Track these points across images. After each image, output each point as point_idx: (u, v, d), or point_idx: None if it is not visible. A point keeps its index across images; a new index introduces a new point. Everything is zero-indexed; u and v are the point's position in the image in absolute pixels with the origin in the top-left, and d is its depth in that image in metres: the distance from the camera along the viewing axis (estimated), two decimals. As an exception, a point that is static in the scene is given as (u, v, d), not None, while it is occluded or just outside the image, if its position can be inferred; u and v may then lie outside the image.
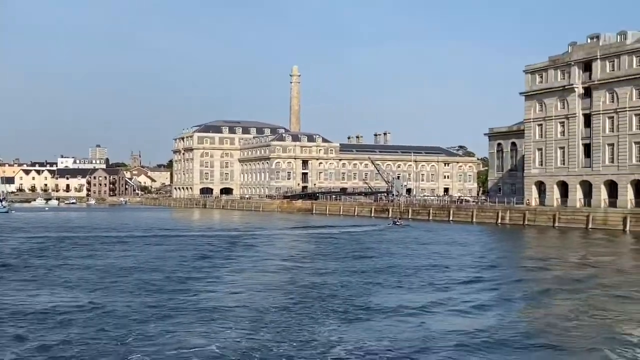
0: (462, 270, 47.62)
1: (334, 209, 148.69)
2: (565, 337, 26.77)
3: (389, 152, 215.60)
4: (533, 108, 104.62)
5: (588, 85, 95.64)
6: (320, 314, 30.79)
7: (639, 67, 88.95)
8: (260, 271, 46.46)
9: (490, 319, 30.32)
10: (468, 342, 25.92)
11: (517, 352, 24.75)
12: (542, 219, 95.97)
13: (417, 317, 30.30)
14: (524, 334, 27.24)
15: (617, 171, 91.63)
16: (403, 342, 25.65)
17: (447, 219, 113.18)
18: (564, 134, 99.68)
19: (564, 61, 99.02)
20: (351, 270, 46.75)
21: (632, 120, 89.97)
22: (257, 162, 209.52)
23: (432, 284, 40.87)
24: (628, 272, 47.13)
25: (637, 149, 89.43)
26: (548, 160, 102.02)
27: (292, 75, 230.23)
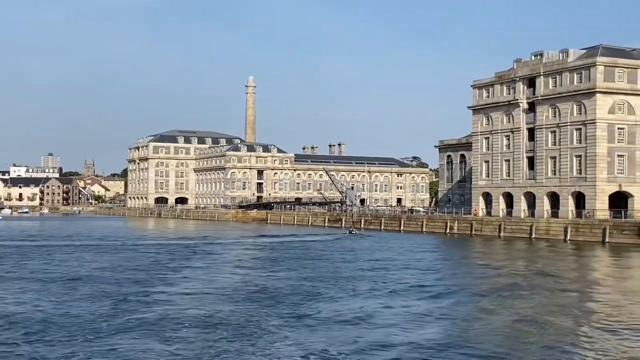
0: (405, 277, 50.18)
1: (288, 219, 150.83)
2: (502, 342, 29.27)
3: (343, 162, 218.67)
4: (480, 122, 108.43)
5: (532, 101, 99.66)
6: (267, 318, 32.76)
7: (579, 84, 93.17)
8: (212, 279, 48.18)
9: (430, 323, 32.76)
10: (405, 345, 28.27)
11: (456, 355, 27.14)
12: (488, 229, 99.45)
13: (359, 321, 32.60)
14: (462, 339, 29.61)
15: (559, 183, 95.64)
16: (343, 345, 27.64)
17: (398, 228, 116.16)
18: (510, 147, 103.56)
19: (509, 77, 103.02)
20: (302, 277, 48.99)
21: (572, 134, 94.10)
22: (213, 172, 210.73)
23: (377, 289, 43.30)
24: (563, 277, 50.16)
25: (577, 162, 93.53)
26: (494, 172, 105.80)
27: (248, 86, 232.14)
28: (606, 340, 28.68)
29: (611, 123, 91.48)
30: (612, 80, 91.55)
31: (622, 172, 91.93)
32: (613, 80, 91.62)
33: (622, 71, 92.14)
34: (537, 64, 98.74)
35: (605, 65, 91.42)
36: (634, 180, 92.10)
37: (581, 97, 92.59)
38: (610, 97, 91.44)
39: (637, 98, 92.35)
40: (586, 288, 45.03)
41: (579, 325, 31.76)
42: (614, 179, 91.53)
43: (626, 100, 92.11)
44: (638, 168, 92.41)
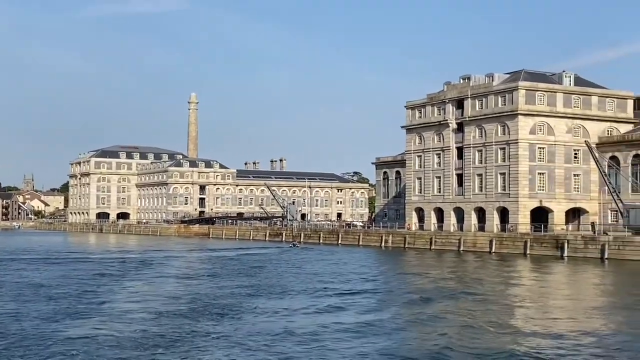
0: (342, 285, 54.75)
1: (230, 234, 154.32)
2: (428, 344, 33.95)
3: (284, 178, 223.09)
4: (413, 140, 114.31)
5: (461, 121, 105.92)
6: (202, 326, 36.32)
7: (503, 106, 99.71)
8: (149, 292, 50.49)
9: (366, 331, 37.25)
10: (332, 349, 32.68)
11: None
12: (421, 242, 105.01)
13: (290, 324, 36.95)
14: (394, 340, 34.19)
15: (485, 199, 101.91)
16: (270, 348, 30.86)
17: (336, 242, 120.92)
18: (440, 164, 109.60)
19: (439, 99, 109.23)
20: (245, 286, 53.12)
21: (497, 153, 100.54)
22: (155, 187, 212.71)
23: (317, 295, 47.77)
24: (485, 286, 55.35)
25: (502, 179, 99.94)
26: (426, 189, 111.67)
27: (190, 102, 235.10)
28: (523, 337, 33.57)
29: (532, 143, 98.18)
30: (533, 103, 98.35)
31: (543, 189, 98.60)
32: (534, 103, 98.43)
33: (542, 94, 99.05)
34: (465, 87, 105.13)
35: (527, 89, 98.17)
36: (553, 196, 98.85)
37: (505, 119, 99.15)
38: (531, 118, 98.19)
39: (556, 120, 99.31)
40: (505, 295, 50.20)
41: (500, 327, 36.33)
42: (535, 195, 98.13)
43: (546, 121, 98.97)
44: (557, 185, 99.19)
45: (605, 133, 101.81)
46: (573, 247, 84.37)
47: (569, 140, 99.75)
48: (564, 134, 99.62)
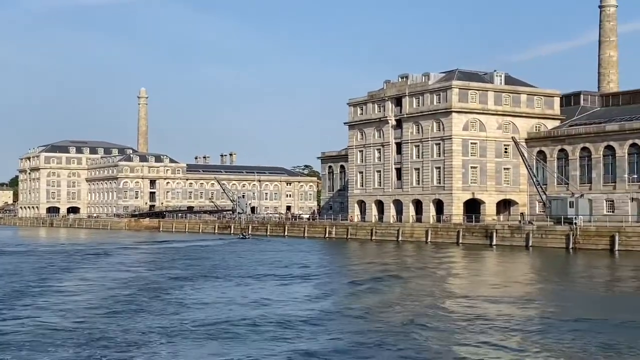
0: (277, 272, 59.64)
1: (180, 227, 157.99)
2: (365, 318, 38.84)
3: (234, 172, 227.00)
4: (355, 136, 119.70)
5: (399, 118, 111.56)
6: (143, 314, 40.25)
7: (438, 104, 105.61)
8: (100, 279, 54.86)
9: (310, 304, 42.13)
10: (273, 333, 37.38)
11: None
12: (362, 233, 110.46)
13: (252, 303, 41.60)
14: (335, 315, 38.97)
15: (422, 192, 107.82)
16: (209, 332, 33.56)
17: (283, 234, 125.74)
18: (380, 159, 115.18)
19: (379, 96, 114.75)
20: (184, 274, 57.64)
21: (433, 148, 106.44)
22: (105, 181, 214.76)
23: (251, 282, 52.54)
24: (420, 270, 60.75)
25: (437, 173, 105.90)
26: (367, 182, 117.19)
27: (140, 97, 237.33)
28: (451, 312, 38.72)
29: (465, 139, 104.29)
30: (465, 101, 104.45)
31: (475, 182, 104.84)
32: (466, 101, 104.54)
33: (475, 93, 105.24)
34: (403, 85, 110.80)
35: (460, 88, 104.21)
36: (485, 189, 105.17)
37: (440, 116, 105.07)
38: (464, 115, 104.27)
39: (487, 117, 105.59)
40: (437, 278, 55.59)
41: (431, 306, 41.27)
42: (468, 187, 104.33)
43: (478, 118, 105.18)
44: (489, 178, 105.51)
45: (534, 129, 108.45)
46: (501, 236, 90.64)
47: (500, 136, 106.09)
48: (494, 130, 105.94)
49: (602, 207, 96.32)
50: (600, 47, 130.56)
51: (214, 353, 28.15)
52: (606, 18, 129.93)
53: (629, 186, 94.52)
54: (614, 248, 77.75)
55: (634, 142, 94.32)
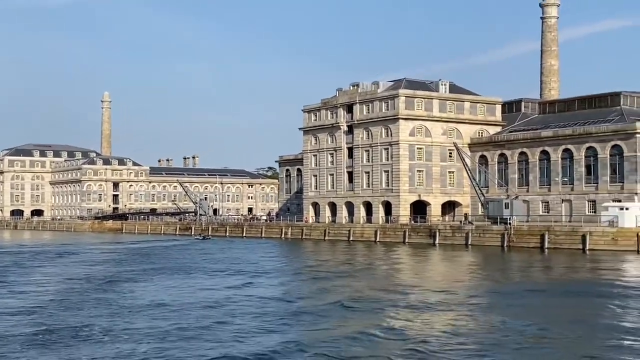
0: (242, 268, 65.02)
1: (142, 228, 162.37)
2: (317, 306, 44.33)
3: (197, 174, 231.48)
4: (310, 141, 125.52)
5: (351, 124, 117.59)
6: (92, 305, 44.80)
7: (387, 112, 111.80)
8: (59, 275, 59.80)
9: (267, 301, 47.50)
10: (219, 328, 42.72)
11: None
12: (316, 234, 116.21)
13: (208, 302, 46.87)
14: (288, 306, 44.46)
15: (372, 194, 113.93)
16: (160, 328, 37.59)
17: (242, 235, 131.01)
18: (333, 163, 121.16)
19: (332, 104, 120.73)
20: (140, 270, 62.76)
21: (382, 153, 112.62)
22: (69, 184, 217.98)
23: (220, 275, 57.84)
24: (368, 266, 66.52)
25: (386, 176, 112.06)
26: (321, 185, 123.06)
27: (103, 100, 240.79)
28: (397, 303, 44.35)
29: (412, 144, 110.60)
30: (412, 109, 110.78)
31: (421, 185, 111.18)
32: (413, 109, 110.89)
33: (421, 101, 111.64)
34: (354, 93, 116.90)
35: (407, 96, 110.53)
36: (430, 191, 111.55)
37: (388, 122, 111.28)
38: (411, 122, 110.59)
39: (432, 123, 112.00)
40: (384, 273, 61.35)
41: (379, 298, 47.15)
42: (415, 190, 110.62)
43: (424, 125, 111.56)
44: (434, 181, 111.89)
45: (477, 135, 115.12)
46: (443, 235, 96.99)
47: (444, 141, 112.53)
48: (439, 136, 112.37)
49: (539, 208, 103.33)
50: (542, 56, 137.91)
51: (162, 348, 32.87)
52: (547, 29, 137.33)
53: (561, 188, 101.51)
54: (544, 246, 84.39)
55: (566, 147, 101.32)
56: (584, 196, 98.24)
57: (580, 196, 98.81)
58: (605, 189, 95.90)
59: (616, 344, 30.47)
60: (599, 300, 43.63)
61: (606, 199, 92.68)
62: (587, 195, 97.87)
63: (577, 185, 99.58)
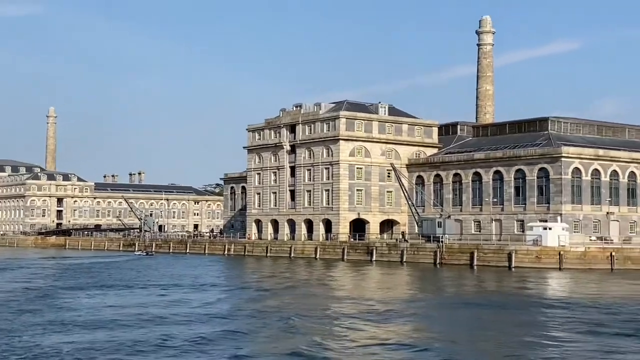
0: (165, 283, 67.50)
1: (86, 244, 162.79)
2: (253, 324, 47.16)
3: (142, 191, 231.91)
4: (254, 160, 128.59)
5: (293, 144, 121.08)
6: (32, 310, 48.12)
7: (328, 132, 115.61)
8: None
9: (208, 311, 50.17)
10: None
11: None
12: (258, 250, 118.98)
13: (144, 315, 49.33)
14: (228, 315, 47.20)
15: (313, 212, 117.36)
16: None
17: (185, 251, 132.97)
18: (276, 181, 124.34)
19: (275, 123, 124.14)
20: (80, 285, 64.86)
21: (323, 172, 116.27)
22: (12, 199, 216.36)
23: (160, 289, 60.25)
24: (307, 281, 69.55)
25: (327, 194, 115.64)
26: (264, 203, 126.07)
27: (49, 116, 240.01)
28: (332, 314, 47.51)
29: (352, 164, 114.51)
30: (352, 130, 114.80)
31: (361, 203, 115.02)
32: (353, 130, 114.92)
33: (361, 122, 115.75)
34: (297, 114, 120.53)
35: (347, 118, 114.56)
36: (369, 210, 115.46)
37: (329, 143, 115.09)
38: (351, 143, 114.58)
39: (372, 144, 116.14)
40: (323, 288, 64.50)
41: (316, 309, 50.27)
42: (354, 208, 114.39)
43: (364, 145, 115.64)
44: (373, 200, 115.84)
45: (414, 156, 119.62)
46: (380, 252, 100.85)
47: (383, 161, 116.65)
48: (378, 156, 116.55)
49: (471, 227, 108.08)
50: (478, 81, 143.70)
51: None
52: (483, 55, 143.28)
53: (492, 209, 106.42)
54: (473, 263, 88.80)
55: (497, 169, 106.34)
56: (513, 216, 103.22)
57: (510, 216, 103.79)
58: (533, 210, 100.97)
59: (531, 351, 34.29)
60: (511, 312, 47.84)
61: (533, 219, 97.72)
62: (516, 215, 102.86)
63: (506, 206, 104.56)
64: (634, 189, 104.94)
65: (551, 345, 35.46)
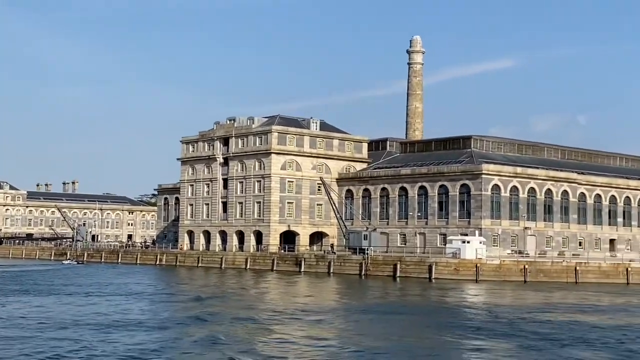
0: (92, 291, 69.13)
1: (17, 253, 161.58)
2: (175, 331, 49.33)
3: (76, 200, 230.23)
4: (187, 171, 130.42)
5: (226, 156, 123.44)
6: None
7: (260, 146, 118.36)
8: None
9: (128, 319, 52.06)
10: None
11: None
12: (190, 261, 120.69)
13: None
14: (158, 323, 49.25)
15: (244, 223, 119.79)
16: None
17: (117, 261, 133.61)
18: (209, 193, 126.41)
19: (209, 136, 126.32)
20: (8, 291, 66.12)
21: (255, 185, 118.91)
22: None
23: (86, 296, 61.84)
24: (236, 291, 71.84)
25: (258, 207, 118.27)
26: (197, 214, 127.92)
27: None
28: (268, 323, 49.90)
29: (283, 177, 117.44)
30: (284, 144, 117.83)
31: (291, 216, 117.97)
32: (285, 144, 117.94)
33: (292, 137, 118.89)
34: (230, 127, 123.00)
35: (279, 132, 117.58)
36: (300, 222, 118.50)
37: (261, 156, 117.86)
38: (283, 157, 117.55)
39: (303, 158, 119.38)
40: (251, 297, 67.01)
41: (250, 318, 52.75)
42: (285, 220, 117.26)
43: (295, 159, 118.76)
44: (303, 212, 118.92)
45: (344, 170, 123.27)
46: (308, 263, 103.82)
47: (314, 175, 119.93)
48: (309, 170, 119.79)
49: (397, 240, 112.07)
50: (408, 98, 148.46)
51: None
52: (413, 73, 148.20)
53: (417, 222, 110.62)
54: (396, 274, 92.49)
55: (422, 184, 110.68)
56: (437, 230, 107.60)
57: (433, 230, 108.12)
58: (455, 224, 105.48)
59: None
60: (415, 317, 51.56)
61: (455, 233, 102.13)
62: (439, 229, 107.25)
63: (430, 220, 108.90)
64: (550, 205, 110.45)
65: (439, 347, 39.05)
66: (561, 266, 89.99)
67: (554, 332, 45.10)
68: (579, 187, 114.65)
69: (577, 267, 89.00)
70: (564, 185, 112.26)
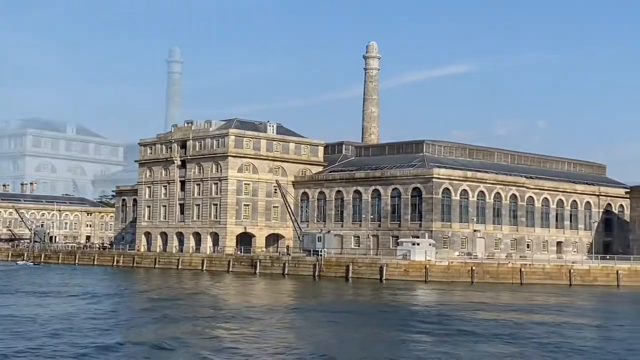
0: (45, 290, 70.29)
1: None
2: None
3: (34, 201, 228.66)
4: (145, 173, 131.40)
5: (184, 159, 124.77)
6: None
7: (217, 149, 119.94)
8: None
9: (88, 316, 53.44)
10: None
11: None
12: (147, 262, 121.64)
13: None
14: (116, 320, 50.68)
15: (201, 225, 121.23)
16: None
17: (74, 262, 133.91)
18: (166, 195, 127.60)
19: (167, 139, 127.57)
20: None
21: (212, 187, 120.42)
22: None
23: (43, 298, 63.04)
24: (191, 292, 73.40)
25: (215, 209, 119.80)
26: (154, 215, 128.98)
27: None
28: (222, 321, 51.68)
29: (240, 180, 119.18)
30: (241, 147, 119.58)
31: (248, 218, 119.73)
32: (242, 147, 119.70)
33: (249, 140, 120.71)
34: (188, 130, 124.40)
35: (236, 136, 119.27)
36: (256, 224, 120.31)
37: (218, 159, 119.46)
38: (240, 159, 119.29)
39: (259, 161, 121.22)
40: (203, 296, 68.70)
41: (206, 318, 54.36)
42: (241, 222, 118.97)
43: (252, 162, 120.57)
44: (259, 215, 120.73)
45: (300, 173, 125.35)
46: (264, 265, 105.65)
47: (270, 178, 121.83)
48: (266, 173, 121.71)
49: (351, 242, 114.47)
50: (365, 103, 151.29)
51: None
52: (369, 79, 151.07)
53: (370, 225, 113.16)
54: (349, 275, 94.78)
55: (376, 188, 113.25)
56: (389, 232, 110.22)
57: (386, 232, 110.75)
58: (407, 227, 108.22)
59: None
60: (361, 316, 53.97)
61: (407, 236, 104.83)
62: (392, 231, 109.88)
63: (383, 222, 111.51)
64: (499, 208, 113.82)
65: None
66: (507, 268, 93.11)
67: (475, 328, 48.01)
68: (527, 191, 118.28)
69: (522, 268, 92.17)
70: (513, 189, 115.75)
